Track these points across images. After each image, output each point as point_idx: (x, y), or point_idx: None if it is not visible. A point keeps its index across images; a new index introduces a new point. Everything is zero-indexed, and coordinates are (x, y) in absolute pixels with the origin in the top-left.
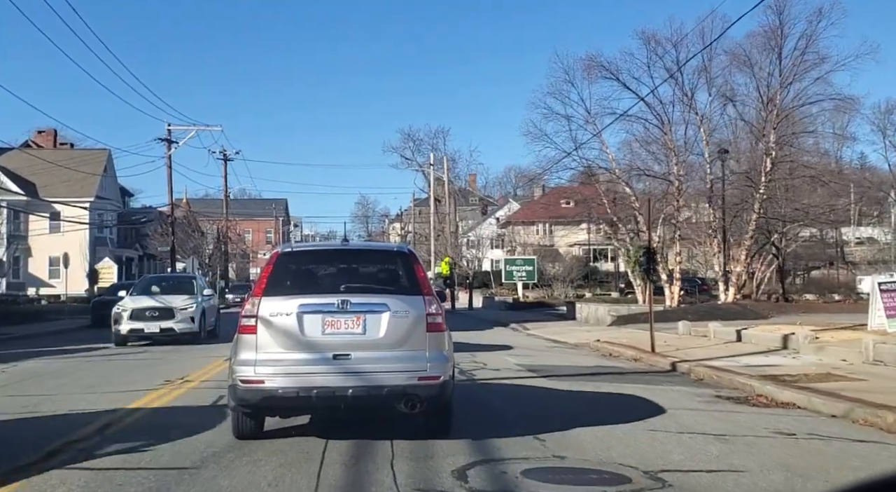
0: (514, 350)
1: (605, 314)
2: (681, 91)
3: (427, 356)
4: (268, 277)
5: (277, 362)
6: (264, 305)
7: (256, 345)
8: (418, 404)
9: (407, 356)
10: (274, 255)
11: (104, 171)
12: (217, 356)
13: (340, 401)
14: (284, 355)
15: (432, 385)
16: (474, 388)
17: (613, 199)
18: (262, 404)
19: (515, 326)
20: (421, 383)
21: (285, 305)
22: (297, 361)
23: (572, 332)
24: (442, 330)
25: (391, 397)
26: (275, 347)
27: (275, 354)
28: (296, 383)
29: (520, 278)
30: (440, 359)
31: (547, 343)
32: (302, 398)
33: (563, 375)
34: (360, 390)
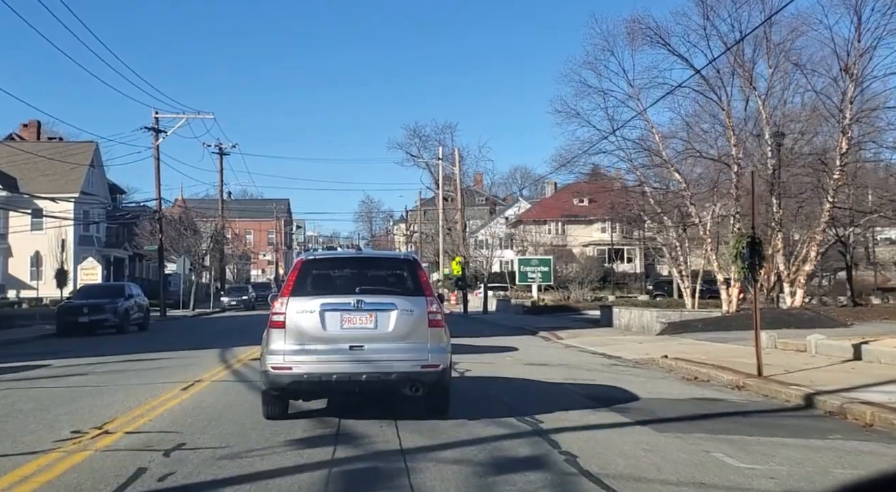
0: (558, 369)
1: (653, 321)
2: (736, 60)
3: (429, 348)
4: (294, 280)
5: (303, 352)
6: (292, 303)
7: (285, 337)
8: (421, 387)
9: (412, 347)
10: (299, 262)
11: (91, 164)
12: (175, 383)
13: (356, 385)
14: (309, 346)
15: (433, 372)
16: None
17: (652, 189)
18: (290, 388)
19: (546, 335)
20: (423, 370)
21: (309, 304)
22: (319, 351)
23: (619, 343)
24: (441, 326)
25: (399, 381)
26: (301, 339)
27: (300, 345)
28: (318, 369)
29: (534, 280)
30: (440, 350)
31: (597, 359)
32: (324, 382)
33: (663, 417)
34: (373, 376)
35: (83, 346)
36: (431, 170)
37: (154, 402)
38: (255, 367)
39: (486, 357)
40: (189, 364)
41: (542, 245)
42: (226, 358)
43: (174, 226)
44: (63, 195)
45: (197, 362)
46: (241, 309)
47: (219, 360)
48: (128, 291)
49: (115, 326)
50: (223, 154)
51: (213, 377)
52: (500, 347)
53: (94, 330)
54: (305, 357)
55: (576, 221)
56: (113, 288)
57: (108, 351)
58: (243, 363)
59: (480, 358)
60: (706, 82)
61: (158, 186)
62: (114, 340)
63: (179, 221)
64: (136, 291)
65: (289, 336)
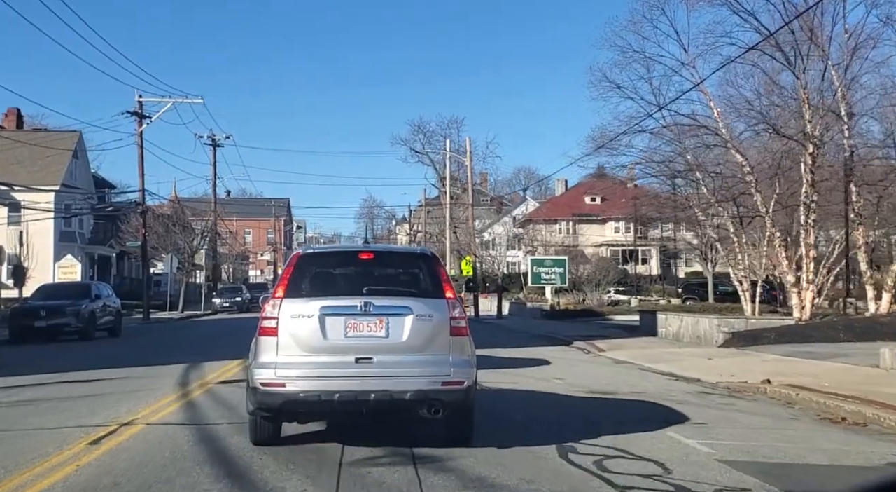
0: (634, 403)
1: (712, 330)
2: (807, 23)
3: (451, 361)
4: (289, 278)
5: (299, 365)
6: (286, 306)
7: (277, 347)
8: (441, 409)
9: (430, 360)
10: (295, 256)
11: (74, 155)
12: (89, 428)
13: (363, 405)
14: (306, 358)
15: (456, 390)
16: None
17: (705, 176)
18: (283, 408)
19: (582, 345)
20: (445, 388)
21: (307, 307)
22: (318, 364)
23: (681, 358)
24: (465, 334)
25: (414, 401)
26: (296, 349)
27: (296, 357)
28: (318, 387)
29: (548, 282)
30: (464, 364)
31: (671, 383)
32: (324, 402)
33: None
34: (383, 395)
35: (24, 357)
36: (436, 167)
37: (21, 476)
38: (221, 395)
39: (515, 375)
40: (136, 389)
41: (553, 245)
42: (189, 379)
43: (161, 221)
44: (42, 187)
45: (148, 386)
46: (234, 311)
47: (178, 383)
48: (94, 292)
49: (78, 331)
50: (216, 146)
51: (153, 416)
52: (528, 361)
53: (56, 336)
54: (302, 372)
55: (587, 220)
56: (77, 288)
57: (47, 366)
58: (207, 389)
59: (506, 375)
60: (779, 47)
61: (142, 175)
62: (69, 350)
63: (168, 218)
64: (105, 292)
65: (282, 346)
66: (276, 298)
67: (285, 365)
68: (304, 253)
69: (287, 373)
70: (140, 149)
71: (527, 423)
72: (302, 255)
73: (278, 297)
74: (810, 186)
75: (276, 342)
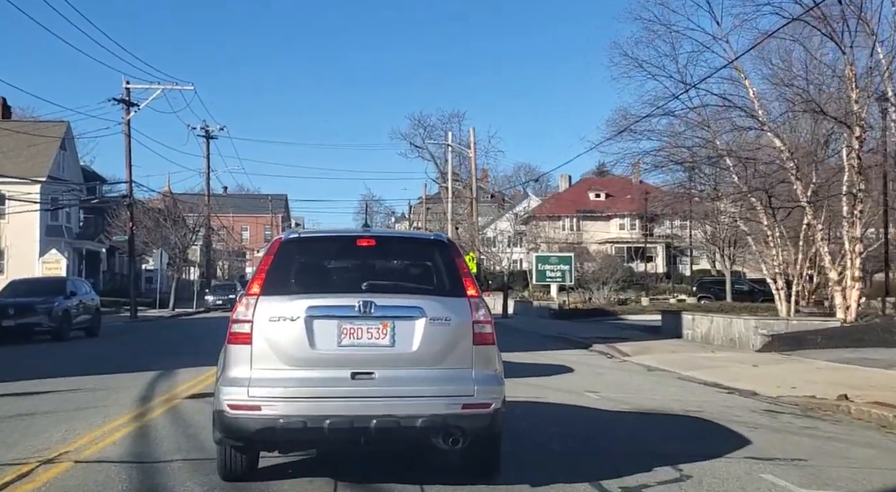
0: (682, 427)
1: (749, 332)
2: None
3: (473, 377)
4: (268, 270)
5: (279, 382)
6: (263, 306)
7: (251, 359)
8: (461, 438)
9: (448, 376)
10: (276, 242)
11: (62, 146)
12: (97, 409)
13: (361, 434)
14: (288, 373)
15: (481, 415)
16: None
17: (736, 162)
18: (257, 437)
19: (603, 348)
20: (466, 411)
21: (290, 307)
22: (304, 381)
23: (719, 364)
24: (491, 343)
25: (428, 428)
26: (275, 362)
27: (275, 372)
28: (303, 411)
29: (553, 279)
30: (490, 380)
31: (721, 396)
32: (311, 430)
33: None
34: (388, 421)
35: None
36: (437, 162)
37: None
38: (187, 414)
39: (537, 385)
40: (85, 406)
41: (556, 242)
42: (154, 391)
43: (151, 215)
44: (28, 180)
45: (103, 400)
46: (227, 309)
47: (139, 397)
48: (70, 289)
49: (51, 331)
50: (210, 137)
51: (89, 448)
52: (547, 367)
53: (27, 336)
54: (282, 391)
55: (592, 216)
56: (50, 284)
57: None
58: (171, 406)
59: (527, 386)
60: (824, 19)
61: (129, 166)
62: (34, 353)
63: (159, 211)
64: (83, 289)
65: (257, 357)
66: (250, 296)
67: (261, 382)
68: (288, 238)
69: (263, 392)
70: (127, 138)
71: (565, 451)
72: (285, 240)
73: (253, 294)
74: (857, 173)
75: (249, 352)
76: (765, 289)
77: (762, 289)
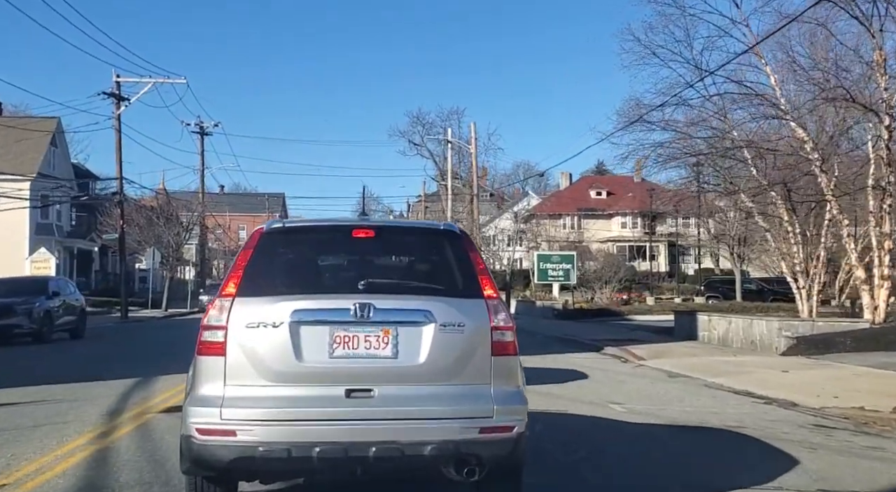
0: (731, 448)
1: (771, 334)
2: None
3: (492, 394)
4: (246, 266)
5: (258, 402)
6: (239, 310)
7: (225, 373)
8: (478, 469)
9: (462, 394)
10: (256, 233)
11: (52, 143)
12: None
13: (357, 463)
14: (269, 390)
15: (501, 440)
16: None
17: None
18: (232, 467)
19: (616, 351)
20: (484, 436)
21: (272, 310)
22: (288, 400)
23: (745, 369)
24: (513, 353)
25: (437, 458)
26: (254, 377)
27: (254, 389)
28: (287, 436)
29: (555, 279)
30: (512, 398)
31: (761, 408)
32: (297, 459)
33: None
34: (390, 448)
35: None
36: (436, 160)
37: None
38: (157, 433)
39: (554, 394)
40: (45, 421)
41: (557, 241)
42: (126, 404)
43: (144, 213)
44: (16, 177)
45: (66, 414)
46: None
47: (108, 410)
48: (52, 288)
49: (32, 333)
50: (204, 134)
51: (34, 479)
52: (559, 373)
53: (7, 338)
54: (263, 412)
55: (593, 214)
56: (32, 284)
57: None
58: (142, 422)
59: (544, 395)
60: (852, 1)
61: (119, 162)
62: (8, 357)
63: (152, 210)
64: (67, 289)
65: (232, 372)
66: (224, 297)
67: (236, 402)
68: (271, 229)
69: (239, 414)
70: (118, 133)
71: (599, 479)
72: (266, 231)
73: (228, 295)
74: (885, 164)
75: (222, 366)
76: (774, 288)
77: (772, 288)
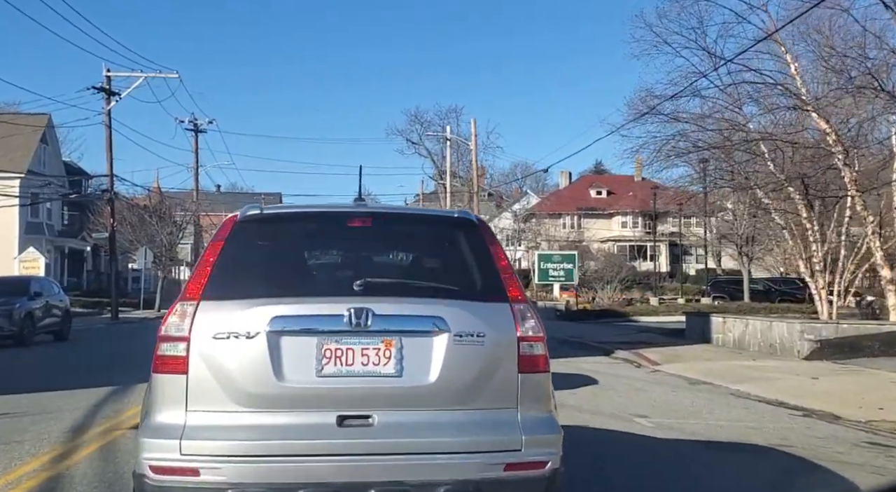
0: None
1: (792, 337)
2: None
3: (520, 421)
4: (215, 263)
5: (227, 432)
6: (205, 317)
7: (187, 397)
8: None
9: (482, 422)
10: (228, 221)
11: (42, 140)
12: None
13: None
14: (242, 418)
15: (532, 479)
16: None
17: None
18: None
19: (627, 355)
20: (511, 474)
21: (246, 317)
22: (266, 430)
23: (772, 376)
24: (544, 369)
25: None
26: (223, 400)
27: (222, 416)
28: (264, 476)
29: (556, 279)
30: (545, 426)
31: (801, 420)
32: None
33: None
34: (393, 490)
35: None
36: (434, 159)
37: None
38: (121, 456)
39: (569, 405)
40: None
41: (557, 240)
42: (94, 418)
43: (136, 212)
44: (6, 173)
45: (23, 432)
46: None
47: (73, 426)
48: (34, 289)
49: (12, 336)
50: (198, 131)
51: None
52: (569, 379)
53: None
54: (234, 445)
55: (593, 214)
56: (12, 284)
57: None
58: (107, 441)
59: (559, 407)
60: None
61: (110, 159)
62: None
63: (144, 208)
64: (50, 289)
65: (196, 394)
66: (186, 301)
67: (201, 432)
68: (246, 216)
69: (203, 448)
70: (108, 129)
71: None
72: (242, 219)
73: (191, 298)
74: None
75: (183, 387)
76: (782, 288)
77: (779, 288)
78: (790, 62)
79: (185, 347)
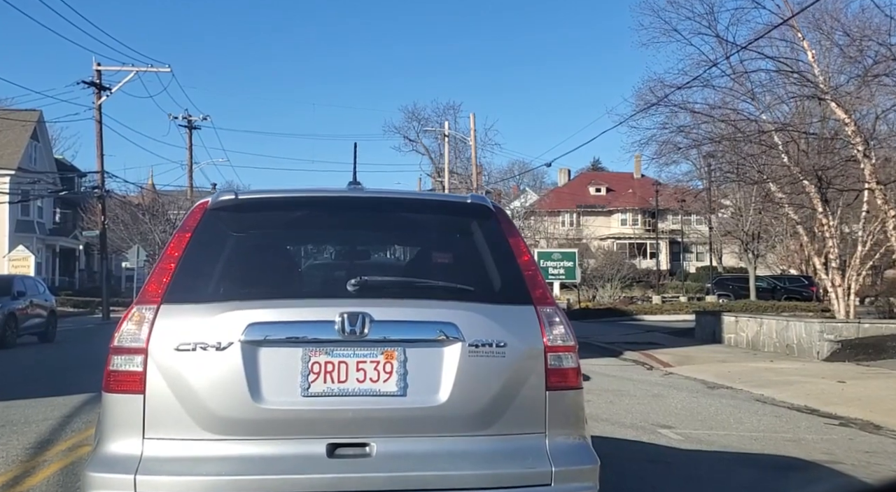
0: None
1: (811, 337)
2: None
3: (549, 449)
4: (180, 259)
5: (193, 465)
6: (166, 324)
7: (144, 421)
8: None
9: (503, 450)
10: (197, 209)
11: (33, 136)
12: None
13: None
14: (210, 447)
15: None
16: None
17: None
18: None
19: (637, 357)
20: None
21: (216, 324)
22: (240, 463)
23: (794, 379)
24: (576, 385)
25: None
26: (188, 426)
27: (187, 445)
28: None
29: (556, 277)
30: (579, 455)
31: (840, 431)
32: None
33: None
34: None
35: None
36: (432, 156)
37: None
38: None
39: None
40: None
41: (556, 238)
42: (63, 432)
43: (128, 209)
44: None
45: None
46: None
47: (37, 441)
48: (17, 288)
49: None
50: (192, 128)
51: None
52: None
53: None
54: (201, 480)
55: (592, 211)
56: None
57: None
58: (72, 459)
59: None
60: None
61: (101, 156)
62: None
63: (137, 206)
64: (35, 289)
65: (155, 418)
66: (144, 305)
67: (159, 465)
68: (218, 202)
69: (162, 484)
70: (98, 124)
71: None
72: (213, 206)
73: (150, 301)
74: None
75: (140, 409)
76: (787, 286)
77: (784, 286)
78: (807, 49)
79: (142, 361)
